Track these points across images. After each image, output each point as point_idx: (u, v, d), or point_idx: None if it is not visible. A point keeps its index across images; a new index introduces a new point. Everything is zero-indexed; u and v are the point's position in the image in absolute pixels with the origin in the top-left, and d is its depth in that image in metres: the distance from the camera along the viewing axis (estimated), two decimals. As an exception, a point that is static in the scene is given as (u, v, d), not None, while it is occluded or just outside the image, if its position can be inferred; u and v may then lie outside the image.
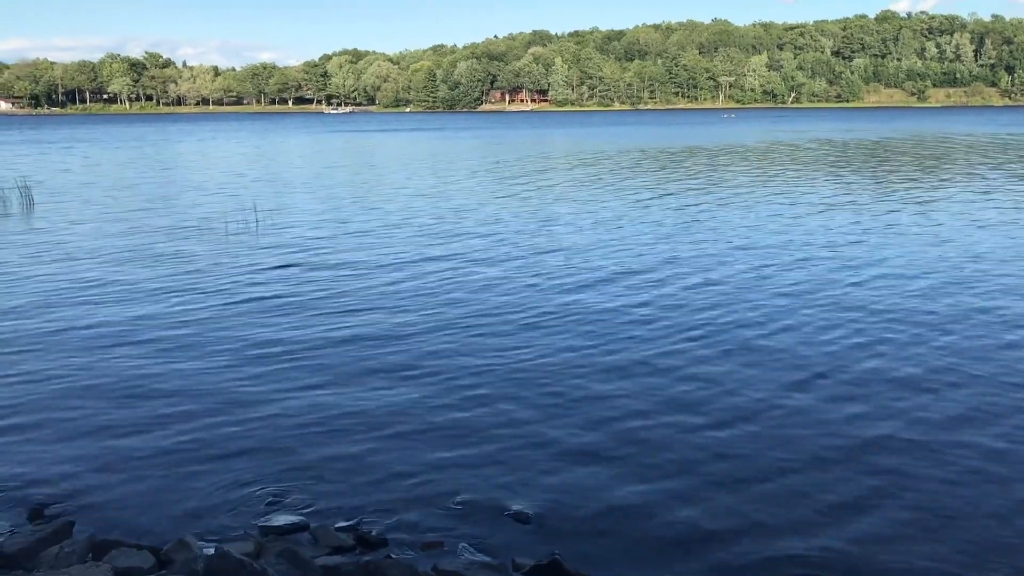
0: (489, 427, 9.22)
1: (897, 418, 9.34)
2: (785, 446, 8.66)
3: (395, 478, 8.06)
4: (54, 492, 7.80)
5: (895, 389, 10.24)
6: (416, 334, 12.82)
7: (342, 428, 9.23)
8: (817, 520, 7.21)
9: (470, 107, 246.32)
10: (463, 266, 18.04)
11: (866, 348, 11.91)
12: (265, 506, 7.54)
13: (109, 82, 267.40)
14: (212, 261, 18.82)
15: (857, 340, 12.28)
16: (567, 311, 14.10)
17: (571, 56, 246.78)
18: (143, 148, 71.91)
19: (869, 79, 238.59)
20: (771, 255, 18.96)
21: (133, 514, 7.42)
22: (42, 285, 16.49)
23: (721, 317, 13.62)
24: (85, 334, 12.98)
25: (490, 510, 7.44)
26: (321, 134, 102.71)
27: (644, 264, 18.07)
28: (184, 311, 14.33)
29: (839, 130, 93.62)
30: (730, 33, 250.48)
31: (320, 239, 21.81)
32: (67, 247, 20.96)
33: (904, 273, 16.82)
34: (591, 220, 24.80)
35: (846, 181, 36.18)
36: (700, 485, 7.88)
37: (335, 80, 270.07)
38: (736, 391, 10.23)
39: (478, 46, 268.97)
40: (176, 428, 9.26)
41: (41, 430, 9.20)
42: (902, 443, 8.69)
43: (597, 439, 8.90)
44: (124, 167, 50.05)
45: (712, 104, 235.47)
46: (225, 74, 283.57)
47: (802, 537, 6.93)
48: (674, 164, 47.46)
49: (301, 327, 13.26)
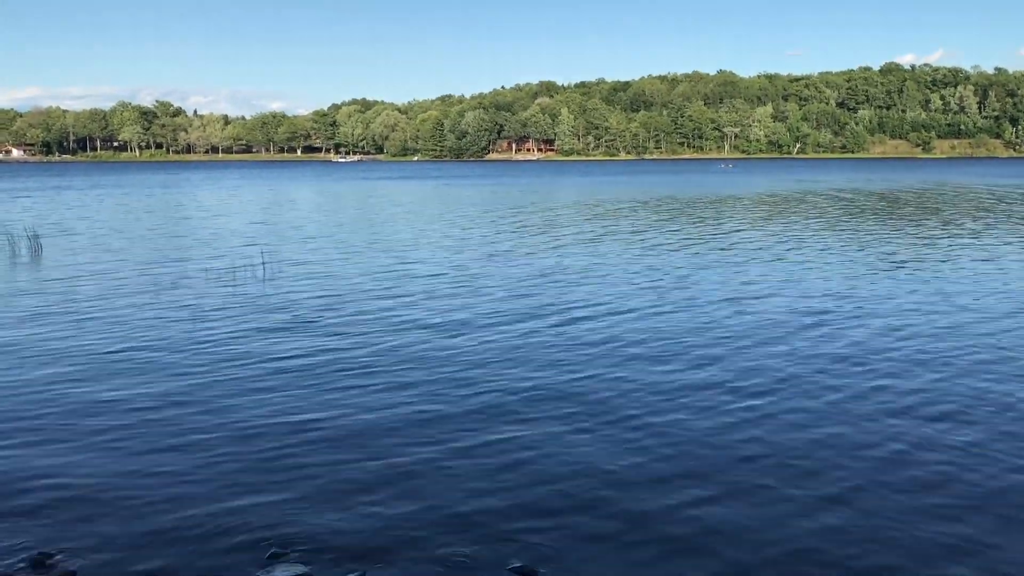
0: (500, 485, 9.15)
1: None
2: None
3: (399, 531, 7.99)
4: (58, 541, 7.74)
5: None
6: (427, 383, 12.79)
7: (346, 481, 9.16)
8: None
9: (477, 156, 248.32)
10: (461, 310, 18.06)
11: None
12: (266, 560, 7.47)
13: (120, 130, 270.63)
14: (217, 308, 18.87)
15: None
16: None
17: (577, 106, 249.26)
18: (156, 195, 72.49)
19: (874, 130, 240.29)
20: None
21: (135, 564, 7.36)
22: (42, 332, 16.52)
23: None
24: (83, 383, 12.96)
25: (493, 565, 7.36)
26: (331, 182, 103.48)
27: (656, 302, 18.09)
28: (187, 359, 14.33)
29: (857, 180, 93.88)
30: (735, 84, 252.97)
31: (327, 288, 21.86)
32: (69, 294, 21.02)
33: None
34: (612, 271, 24.86)
35: (877, 235, 36.27)
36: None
37: (344, 129, 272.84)
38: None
39: (485, 96, 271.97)
40: (177, 478, 9.21)
41: (43, 482, 9.15)
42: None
43: (590, 497, 8.82)
44: (134, 214, 50.41)
45: (718, 154, 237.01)
46: (235, 123, 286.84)
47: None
48: (703, 214, 47.67)
49: (307, 374, 13.23)
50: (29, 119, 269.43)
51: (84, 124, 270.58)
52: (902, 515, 8.26)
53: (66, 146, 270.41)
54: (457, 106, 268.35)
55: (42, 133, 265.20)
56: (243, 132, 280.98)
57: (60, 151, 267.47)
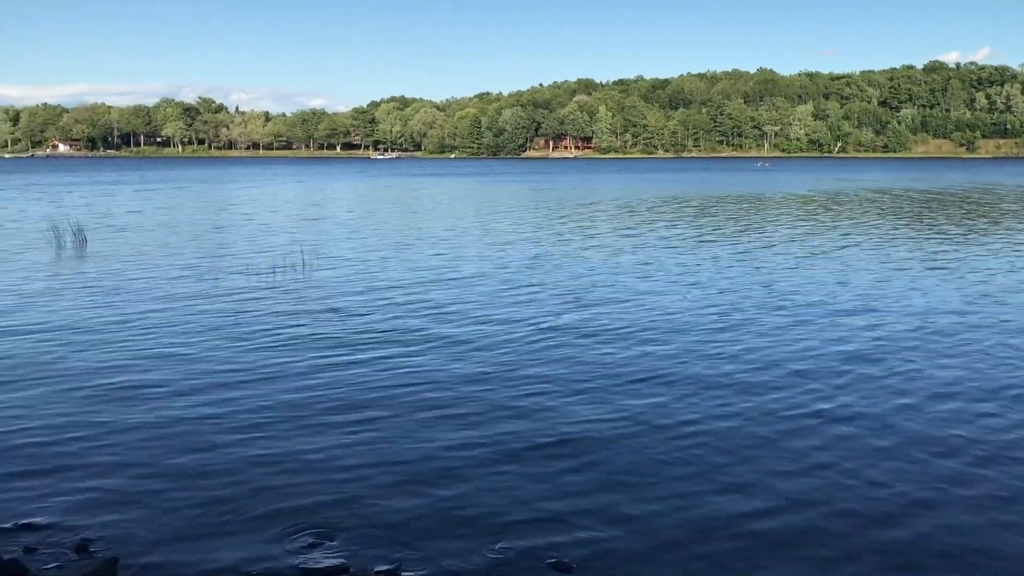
0: (534, 473, 9.17)
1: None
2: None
3: (435, 523, 8.04)
4: (99, 529, 7.89)
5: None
6: (465, 376, 12.84)
7: (384, 472, 9.23)
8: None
9: (514, 154, 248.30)
10: (505, 305, 18.10)
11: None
12: (305, 547, 7.55)
13: (163, 126, 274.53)
14: (257, 301, 19.08)
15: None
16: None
17: (615, 104, 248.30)
18: (201, 190, 73.41)
19: (917, 129, 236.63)
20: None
21: (175, 552, 7.47)
22: (86, 323, 16.81)
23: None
24: (125, 373, 13.18)
25: (531, 558, 7.38)
26: (370, 179, 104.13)
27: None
28: (229, 352, 14.51)
29: (903, 180, 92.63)
30: (775, 82, 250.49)
31: (366, 281, 22.01)
32: (111, 285, 21.36)
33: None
34: (651, 268, 24.79)
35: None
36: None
37: (382, 126, 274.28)
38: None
39: (523, 94, 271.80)
40: (216, 467, 9.33)
41: (87, 467, 9.33)
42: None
43: (628, 494, 8.81)
44: (178, 208, 51.11)
45: (757, 152, 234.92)
46: (276, 120, 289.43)
47: None
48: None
49: (348, 369, 13.34)
50: (75, 115, 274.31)
51: (128, 120, 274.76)
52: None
53: (111, 141, 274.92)
54: (495, 104, 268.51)
55: (88, 129, 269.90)
56: (284, 129, 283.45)
57: (105, 146, 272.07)
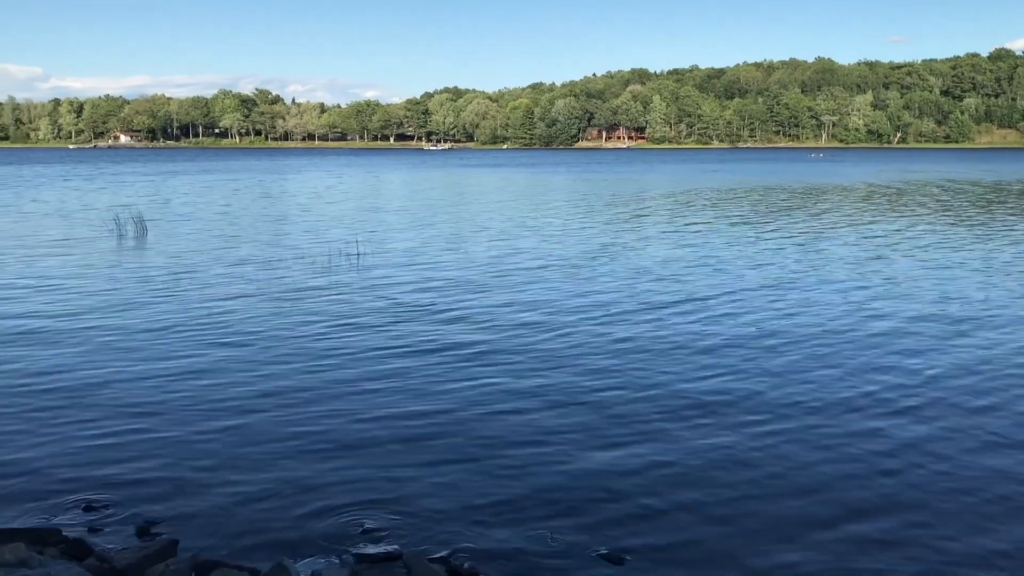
0: (587, 463, 9.17)
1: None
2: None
3: (488, 511, 8.07)
4: (161, 511, 8.07)
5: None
6: (524, 369, 12.87)
7: (437, 459, 9.29)
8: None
9: (567, 144, 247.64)
10: (553, 295, 18.08)
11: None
12: (360, 534, 7.64)
13: (221, 117, 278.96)
14: (314, 290, 19.31)
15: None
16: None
17: (670, 94, 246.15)
18: (261, 180, 74.46)
19: (980, 119, 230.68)
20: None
21: (233, 536, 7.60)
22: (146, 312, 17.17)
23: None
24: (185, 360, 13.43)
25: (582, 548, 7.37)
26: (424, 170, 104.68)
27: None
28: (283, 341, 14.72)
29: (972, 171, 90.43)
30: (834, 72, 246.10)
31: (420, 275, 22.15)
32: (170, 273, 21.79)
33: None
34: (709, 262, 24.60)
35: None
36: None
37: (436, 117, 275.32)
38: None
39: (576, 84, 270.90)
40: (273, 456, 9.48)
41: (149, 455, 9.53)
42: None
43: (694, 489, 8.75)
44: (239, 198, 51.87)
45: (815, 143, 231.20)
46: (331, 111, 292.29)
47: None
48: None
49: (404, 357, 13.45)
50: (136, 106, 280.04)
51: (187, 111, 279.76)
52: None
53: (170, 132, 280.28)
54: (548, 94, 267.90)
55: (148, 120, 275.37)
56: (338, 120, 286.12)
57: (164, 137, 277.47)
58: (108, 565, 6.41)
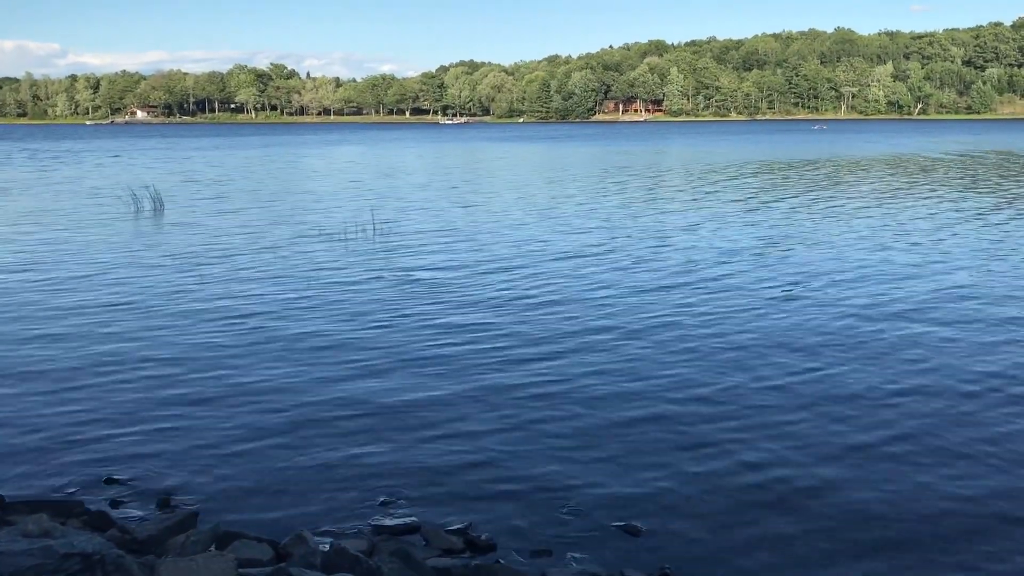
0: (603, 438, 9.19)
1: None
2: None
3: (506, 484, 8.11)
4: (181, 485, 8.15)
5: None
6: (542, 345, 12.88)
7: (455, 433, 9.34)
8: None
9: (583, 117, 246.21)
10: (580, 270, 18.06)
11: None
12: (378, 506, 7.69)
13: (236, 92, 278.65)
14: (332, 264, 19.37)
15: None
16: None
17: (687, 66, 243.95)
18: (277, 155, 74.55)
19: (1003, 90, 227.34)
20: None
21: (253, 508, 7.68)
22: (165, 287, 17.27)
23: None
24: (207, 336, 13.52)
25: (600, 520, 7.40)
26: (440, 144, 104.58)
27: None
28: (315, 318, 14.79)
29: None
30: (853, 42, 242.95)
31: (436, 250, 22.16)
32: (185, 247, 21.90)
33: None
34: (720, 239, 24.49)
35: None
36: (831, 517, 7.68)
37: (451, 91, 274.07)
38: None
39: (592, 56, 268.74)
40: (293, 429, 9.55)
41: (168, 429, 9.61)
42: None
43: (712, 463, 8.76)
44: (251, 173, 51.91)
45: (834, 115, 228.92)
46: (346, 85, 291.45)
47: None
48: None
49: (419, 333, 13.49)
50: (152, 82, 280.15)
51: (203, 87, 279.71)
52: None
53: (186, 108, 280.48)
54: (564, 66, 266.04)
55: (164, 95, 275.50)
56: (354, 94, 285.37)
57: (181, 113, 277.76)
58: (130, 536, 6.48)
